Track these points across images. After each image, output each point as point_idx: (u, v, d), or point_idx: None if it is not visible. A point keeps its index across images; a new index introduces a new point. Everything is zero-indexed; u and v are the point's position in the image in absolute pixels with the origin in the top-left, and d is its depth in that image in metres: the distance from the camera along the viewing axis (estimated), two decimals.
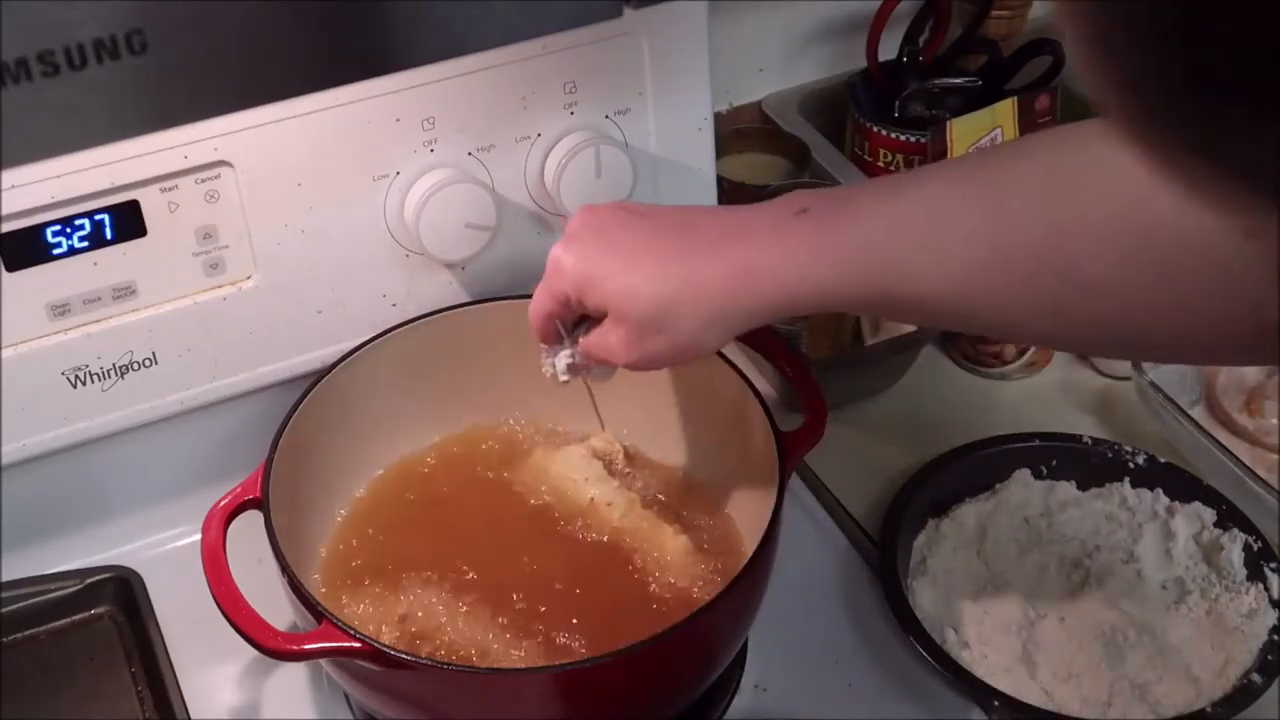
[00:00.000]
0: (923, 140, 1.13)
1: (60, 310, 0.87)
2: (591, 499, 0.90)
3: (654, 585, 0.86)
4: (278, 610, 0.79)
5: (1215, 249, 0.61)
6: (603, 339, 0.77)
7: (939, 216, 0.69)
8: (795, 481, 0.99)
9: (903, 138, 1.16)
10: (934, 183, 0.72)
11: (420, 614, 0.86)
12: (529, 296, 0.95)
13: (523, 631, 0.84)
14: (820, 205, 0.73)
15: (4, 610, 0.90)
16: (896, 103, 1.17)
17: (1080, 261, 0.65)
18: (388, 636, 0.84)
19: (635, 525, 0.89)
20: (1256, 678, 0.85)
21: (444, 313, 0.94)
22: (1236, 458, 0.97)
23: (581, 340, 0.80)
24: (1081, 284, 0.65)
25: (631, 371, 0.79)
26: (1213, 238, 0.60)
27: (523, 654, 0.83)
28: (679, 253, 0.74)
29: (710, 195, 1.03)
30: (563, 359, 0.82)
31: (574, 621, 0.85)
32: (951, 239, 0.68)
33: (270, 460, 0.84)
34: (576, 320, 0.80)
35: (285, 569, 0.78)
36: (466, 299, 0.97)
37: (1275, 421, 1.01)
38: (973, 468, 0.98)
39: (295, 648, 0.75)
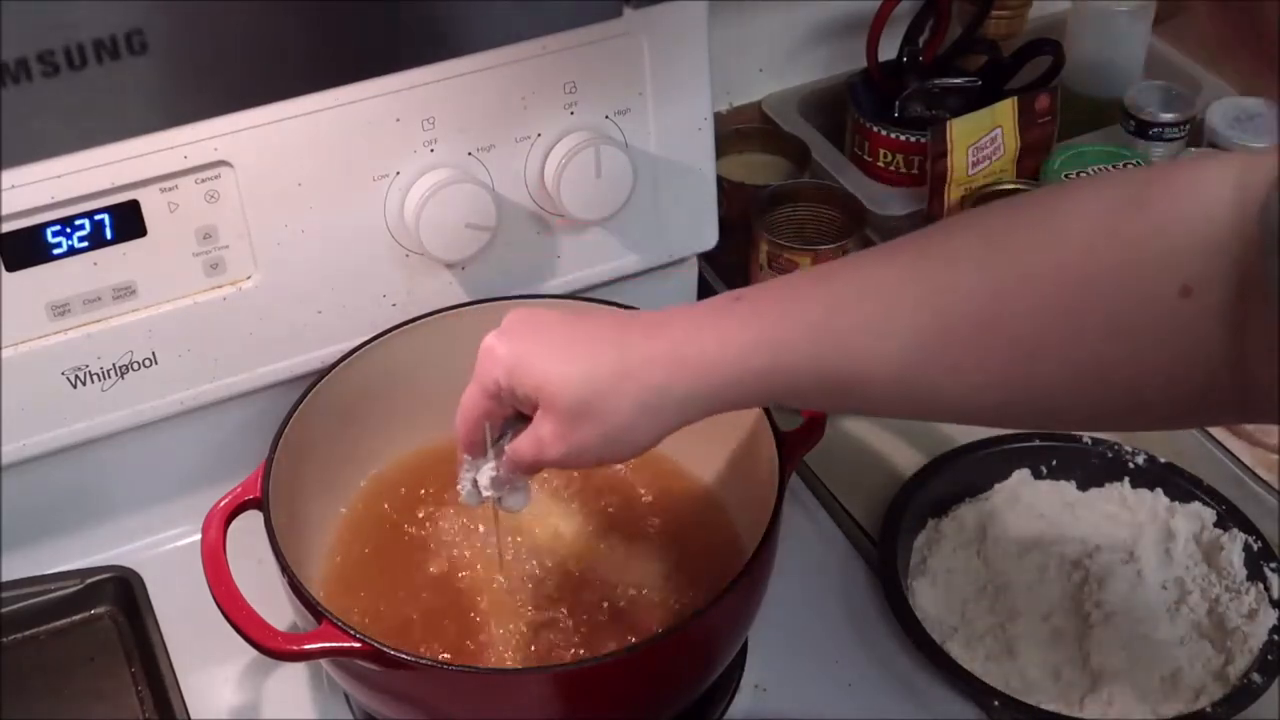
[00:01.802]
0: (923, 140, 1.13)
1: (60, 310, 0.87)
2: (557, 530, 0.90)
3: (634, 606, 0.86)
4: (278, 610, 0.79)
5: (1159, 301, 0.60)
6: (532, 434, 0.73)
7: (878, 295, 0.67)
8: (795, 481, 0.99)
9: (903, 138, 1.16)
10: (871, 263, 0.70)
11: (421, 613, 0.86)
12: (530, 296, 0.95)
13: (523, 632, 0.84)
14: (757, 292, 0.71)
15: (4, 610, 0.90)
16: (896, 103, 1.17)
17: (1025, 325, 0.63)
18: (388, 635, 0.84)
19: (608, 551, 0.89)
20: (1256, 678, 0.85)
21: (444, 313, 0.94)
22: (1236, 458, 0.97)
23: (508, 445, 0.75)
24: (1029, 349, 0.63)
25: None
26: (1155, 288, 0.60)
27: (523, 654, 0.83)
28: (614, 339, 0.71)
29: (710, 195, 1.03)
30: (486, 472, 0.77)
31: (574, 621, 0.85)
32: (892, 317, 0.66)
33: (270, 460, 0.84)
34: (500, 432, 0.76)
35: (285, 569, 0.78)
36: (466, 299, 0.97)
37: None
38: (973, 468, 0.98)
39: (295, 648, 0.75)
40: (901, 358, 0.66)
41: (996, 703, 0.84)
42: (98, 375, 0.89)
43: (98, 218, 0.86)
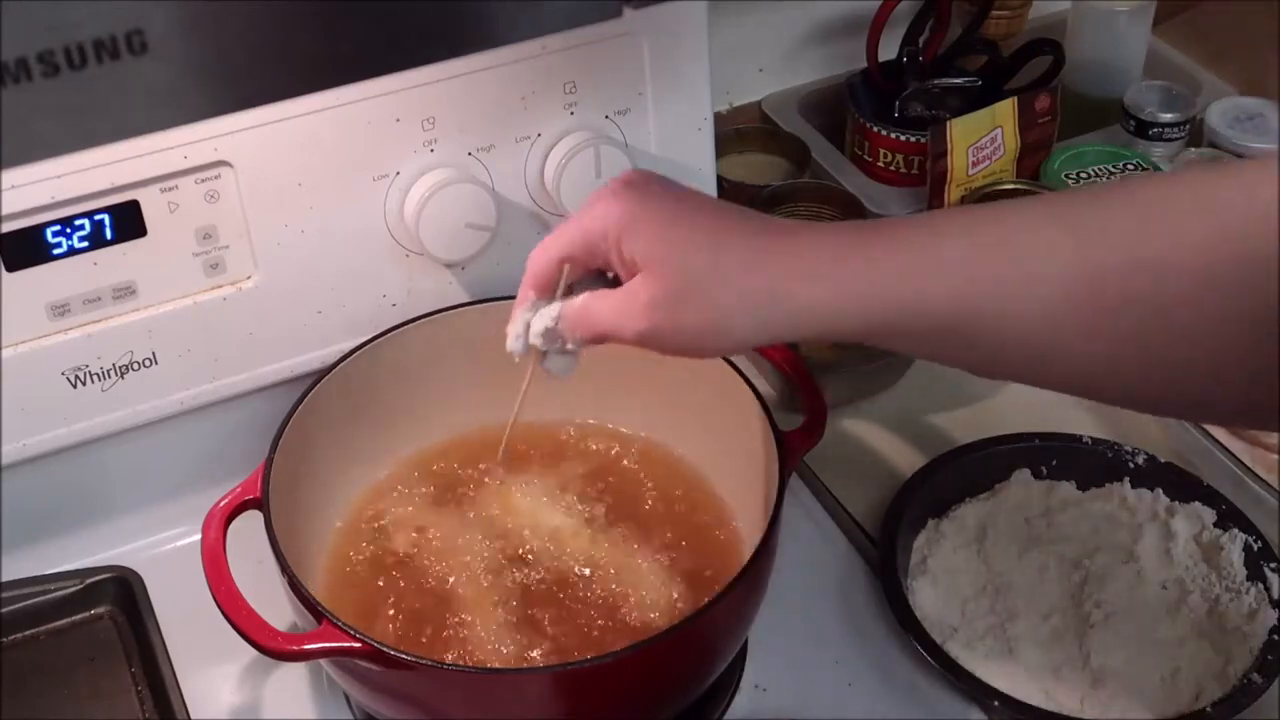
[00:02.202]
0: (923, 140, 1.13)
1: (60, 310, 0.87)
2: (556, 528, 0.90)
3: (633, 605, 0.86)
4: (278, 610, 0.79)
5: None
6: (620, 298, 0.68)
7: (1028, 241, 0.64)
8: (795, 481, 0.99)
9: (903, 138, 1.16)
10: (1018, 211, 0.67)
11: (420, 613, 0.86)
12: None
13: (523, 632, 0.84)
14: (898, 223, 0.68)
15: (4, 610, 0.90)
16: (896, 103, 1.17)
17: (1171, 297, 0.60)
18: (388, 636, 0.84)
19: (607, 551, 0.89)
20: (1256, 678, 0.85)
21: (444, 313, 0.94)
22: (1236, 458, 0.97)
23: (584, 297, 0.70)
24: (1168, 324, 0.60)
25: (636, 347, 0.69)
26: None
27: (523, 654, 0.83)
28: (744, 230, 0.67)
29: (710, 195, 1.03)
30: (544, 317, 0.72)
31: (573, 620, 0.85)
32: (1040, 262, 0.63)
33: (270, 460, 0.84)
34: (572, 282, 0.72)
35: (285, 569, 0.78)
36: (466, 299, 0.97)
37: None
38: (973, 468, 0.98)
39: (295, 648, 0.75)
40: (1044, 308, 0.62)
41: (996, 703, 0.84)
42: (98, 375, 0.89)
43: (98, 218, 0.86)
